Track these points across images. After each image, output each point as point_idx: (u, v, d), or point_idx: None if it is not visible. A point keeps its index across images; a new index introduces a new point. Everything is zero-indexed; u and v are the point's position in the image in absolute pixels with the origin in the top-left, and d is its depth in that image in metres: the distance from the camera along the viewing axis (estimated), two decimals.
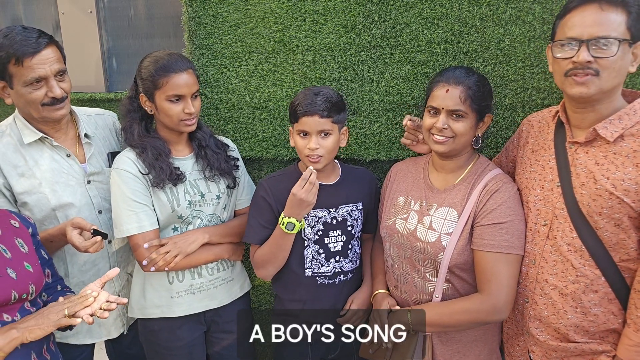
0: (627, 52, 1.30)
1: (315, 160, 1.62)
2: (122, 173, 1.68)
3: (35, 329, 1.29)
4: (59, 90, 1.62)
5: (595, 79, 1.30)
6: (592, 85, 1.31)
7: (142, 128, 1.74)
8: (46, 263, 1.53)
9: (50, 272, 1.54)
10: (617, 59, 1.28)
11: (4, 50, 1.55)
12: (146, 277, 1.79)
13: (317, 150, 1.60)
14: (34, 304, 1.41)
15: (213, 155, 1.81)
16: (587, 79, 1.31)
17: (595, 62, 1.29)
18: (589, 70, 1.30)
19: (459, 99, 1.49)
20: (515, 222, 1.49)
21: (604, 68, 1.29)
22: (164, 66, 1.64)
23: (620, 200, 1.31)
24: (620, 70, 1.30)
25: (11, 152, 1.66)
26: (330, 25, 1.95)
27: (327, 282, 1.75)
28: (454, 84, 1.50)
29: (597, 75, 1.30)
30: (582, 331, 1.42)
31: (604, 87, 1.31)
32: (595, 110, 1.38)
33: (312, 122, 1.59)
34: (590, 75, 1.30)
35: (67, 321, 1.31)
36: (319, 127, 1.60)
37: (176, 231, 1.77)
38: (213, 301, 1.85)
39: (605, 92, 1.33)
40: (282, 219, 1.63)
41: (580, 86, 1.32)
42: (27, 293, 1.37)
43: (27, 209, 1.67)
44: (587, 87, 1.31)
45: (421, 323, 1.55)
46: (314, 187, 1.58)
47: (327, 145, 1.61)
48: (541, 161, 1.51)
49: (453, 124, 1.51)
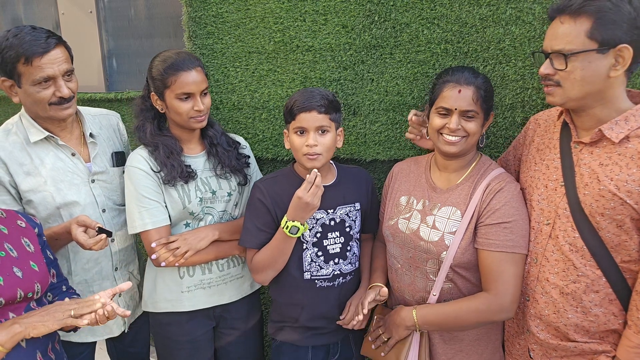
0: (593, 60, 1.29)
1: (314, 158, 1.60)
2: (135, 170, 1.71)
3: (39, 326, 1.28)
4: (66, 90, 1.63)
5: (558, 89, 1.37)
6: (557, 95, 1.37)
7: (155, 126, 1.77)
8: (51, 263, 1.54)
9: (55, 272, 1.55)
10: (575, 69, 1.31)
11: (14, 50, 1.56)
12: (158, 272, 1.82)
13: (316, 148, 1.59)
14: (40, 303, 1.41)
15: (224, 153, 1.83)
16: (550, 90, 1.39)
17: (557, 73, 1.34)
18: (549, 82, 1.38)
19: (472, 100, 1.50)
20: (519, 222, 1.49)
21: (563, 79, 1.34)
22: (173, 65, 1.65)
23: (623, 201, 1.31)
24: (585, 79, 1.31)
25: (17, 151, 1.67)
26: (330, 25, 1.95)
27: (326, 285, 1.74)
28: (465, 85, 1.50)
29: (559, 85, 1.35)
30: (582, 331, 1.42)
31: (571, 95, 1.35)
32: (590, 115, 1.38)
33: (310, 117, 1.59)
34: (552, 86, 1.37)
35: (73, 321, 1.30)
36: (317, 123, 1.59)
37: (188, 227, 1.79)
38: (223, 297, 1.86)
39: (579, 99, 1.35)
40: (285, 223, 1.60)
41: (548, 96, 1.41)
42: (33, 292, 1.37)
43: (32, 207, 1.68)
44: (553, 96, 1.39)
45: (427, 323, 1.56)
46: (319, 190, 1.56)
47: (325, 142, 1.61)
48: (546, 160, 1.52)
49: (465, 124, 1.52)
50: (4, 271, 1.33)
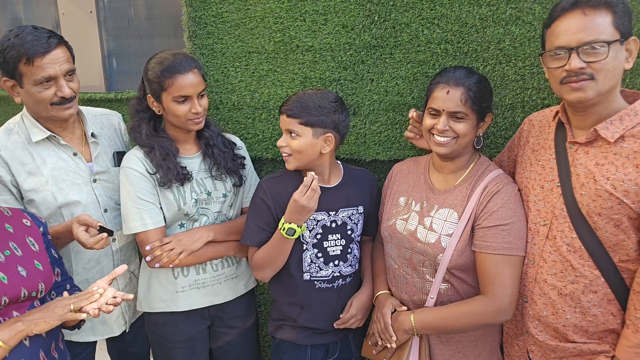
0: (619, 50, 1.30)
1: (285, 158, 1.67)
2: (130, 171, 1.71)
3: (40, 322, 1.29)
4: (68, 90, 1.63)
5: (591, 82, 1.31)
6: (589, 90, 1.31)
7: (151, 127, 1.77)
8: (56, 262, 1.54)
9: (60, 271, 1.56)
10: (610, 60, 1.28)
11: (15, 50, 1.56)
12: (152, 272, 1.82)
13: (284, 148, 1.65)
14: (43, 302, 1.42)
15: (220, 154, 1.82)
16: (582, 84, 1.31)
17: (589, 66, 1.29)
18: (583, 75, 1.30)
19: (460, 101, 1.49)
20: (516, 224, 1.49)
21: (598, 71, 1.29)
22: (169, 67, 1.64)
23: (620, 201, 1.31)
24: (615, 70, 1.31)
25: (19, 150, 1.67)
26: (330, 25, 1.95)
27: (325, 287, 1.74)
28: (454, 86, 1.50)
29: (593, 79, 1.30)
30: (580, 331, 1.42)
31: (602, 89, 1.31)
32: (594, 113, 1.37)
33: (282, 120, 1.66)
34: (585, 80, 1.31)
35: (73, 315, 1.31)
36: (286, 126, 1.64)
37: (182, 228, 1.79)
38: (217, 297, 1.87)
39: (604, 94, 1.33)
40: (282, 225, 1.62)
41: (577, 92, 1.33)
42: (37, 291, 1.38)
43: (34, 207, 1.68)
44: (585, 91, 1.32)
45: (425, 327, 1.56)
46: (316, 194, 1.58)
47: (293, 145, 1.63)
48: (541, 161, 1.51)
49: (454, 125, 1.51)
50: (9, 270, 1.34)
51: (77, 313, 1.31)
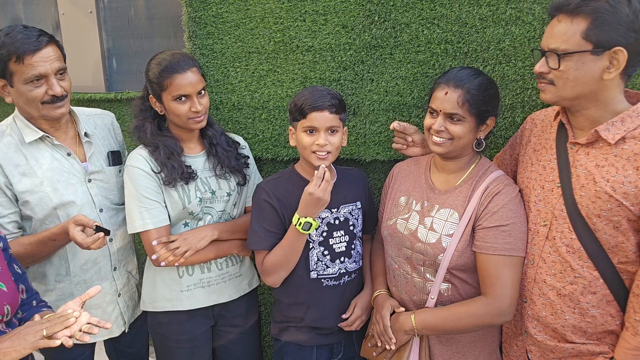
0: (587, 61, 1.28)
1: (324, 157, 1.62)
2: (135, 170, 1.71)
3: (10, 352, 1.18)
4: (59, 88, 1.63)
5: (551, 87, 1.36)
6: (549, 93, 1.37)
7: (155, 126, 1.77)
8: (20, 278, 1.44)
9: (24, 288, 1.46)
10: (568, 69, 1.30)
11: (5, 49, 1.56)
12: (157, 271, 1.82)
13: (326, 147, 1.61)
14: (9, 325, 1.33)
15: (224, 153, 1.83)
16: (543, 87, 1.39)
17: (551, 72, 1.34)
18: (543, 80, 1.38)
19: (457, 103, 1.48)
20: (517, 225, 1.49)
21: (557, 78, 1.34)
22: (167, 67, 1.65)
23: (619, 203, 1.30)
24: (578, 80, 1.31)
25: (12, 152, 1.67)
26: (330, 25, 1.95)
27: (332, 284, 1.74)
28: (453, 87, 1.49)
29: (553, 84, 1.35)
30: (579, 332, 1.42)
31: (564, 95, 1.34)
32: (585, 115, 1.38)
33: (322, 117, 1.60)
34: (545, 84, 1.37)
35: (46, 342, 1.20)
36: (328, 123, 1.60)
37: (187, 227, 1.79)
38: (222, 296, 1.87)
39: (575, 99, 1.34)
40: (297, 220, 1.60)
41: (541, 93, 1.41)
42: (3, 314, 1.27)
43: (29, 208, 1.68)
44: (545, 94, 1.39)
45: (426, 327, 1.56)
46: (330, 185, 1.57)
47: (335, 141, 1.62)
48: (542, 161, 1.51)
49: (450, 126, 1.50)
50: None
51: (50, 340, 1.20)
